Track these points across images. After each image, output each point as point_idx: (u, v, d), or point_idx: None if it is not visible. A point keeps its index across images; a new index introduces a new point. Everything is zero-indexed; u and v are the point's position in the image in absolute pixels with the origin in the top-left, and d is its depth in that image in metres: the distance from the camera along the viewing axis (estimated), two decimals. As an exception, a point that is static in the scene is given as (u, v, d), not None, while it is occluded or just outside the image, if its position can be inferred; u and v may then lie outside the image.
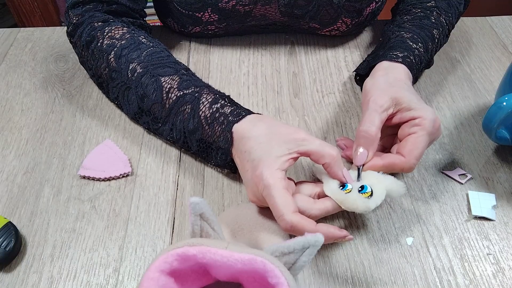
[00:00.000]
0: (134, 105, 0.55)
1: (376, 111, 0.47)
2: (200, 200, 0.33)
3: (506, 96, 0.46)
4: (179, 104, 0.51)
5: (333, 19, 0.66)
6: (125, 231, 0.48)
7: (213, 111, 0.49)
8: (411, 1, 0.64)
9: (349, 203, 0.43)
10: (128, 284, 0.44)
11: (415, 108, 0.48)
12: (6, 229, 0.45)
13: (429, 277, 0.44)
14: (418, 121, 0.47)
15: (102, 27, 0.57)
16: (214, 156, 0.50)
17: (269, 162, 0.42)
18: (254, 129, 0.46)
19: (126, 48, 0.55)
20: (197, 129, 0.50)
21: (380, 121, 0.47)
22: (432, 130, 0.47)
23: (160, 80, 0.52)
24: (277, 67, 0.67)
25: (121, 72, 0.54)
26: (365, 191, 0.44)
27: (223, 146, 0.48)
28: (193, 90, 0.51)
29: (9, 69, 0.66)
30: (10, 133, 0.57)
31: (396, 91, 0.49)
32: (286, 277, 0.31)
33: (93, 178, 0.52)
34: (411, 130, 0.47)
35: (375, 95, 0.49)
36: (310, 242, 0.32)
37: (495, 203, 0.50)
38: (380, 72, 0.53)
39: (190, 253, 0.31)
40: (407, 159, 0.46)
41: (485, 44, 0.71)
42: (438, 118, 0.48)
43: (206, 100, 0.50)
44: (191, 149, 0.52)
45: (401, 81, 0.52)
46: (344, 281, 0.44)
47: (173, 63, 0.54)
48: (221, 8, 0.64)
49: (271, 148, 0.43)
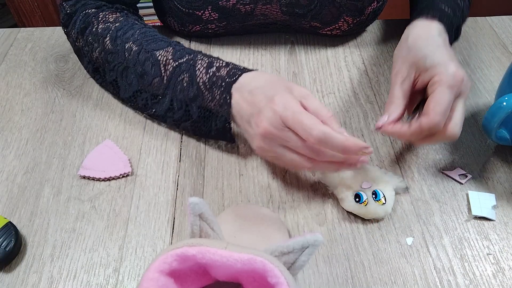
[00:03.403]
0: (133, 84, 0.55)
1: (397, 83, 0.50)
2: (200, 200, 0.33)
3: (506, 96, 0.46)
4: (177, 74, 0.52)
5: (334, 18, 0.66)
6: (125, 231, 0.48)
7: (210, 75, 0.50)
8: None
9: (370, 214, 0.47)
10: (128, 284, 0.44)
11: (431, 65, 0.48)
12: (6, 229, 0.45)
13: (429, 277, 0.44)
14: (435, 78, 0.47)
15: (96, 12, 0.58)
16: (213, 121, 0.51)
17: (286, 91, 0.45)
18: (258, 80, 0.47)
19: (121, 29, 0.56)
20: (198, 96, 0.51)
21: (402, 91, 0.49)
22: (453, 83, 0.46)
23: (155, 54, 0.53)
24: (277, 67, 0.67)
25: (118, 53, 0.55)
26: (379, 199, 0.48)
27: (224, 108, 0.49)
28: (188, 58, 0.52)
29: (9, 69, 0.66)
30: (10, 133, 0.57)
31: (414, 54, 0.50)
32: (285, 276, 0.31)
33: (93, 178, 0.52)
34: (431, 89, 0.47)
35: (397, 67, 0.51)
36: (309, 242, 0.32)
37: (495, 203, 0.50)
38: (404, 35, 0.54)
39: (189, 254, 0.31)
40: (431, 117, 0.45)
41: (485, 44, 0.71)
42: (460, 70, 0.47)
43: (202, 66, 0.51)
44: (192, 117, 0.52)
45: (422, 37, 0.51)
46: (344, 281, 0.44)
47: (165, 38, 0.56)
48: (221, 7, 0.64)
49: (283, 88, 0.46)
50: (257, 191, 0.51)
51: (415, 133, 0.46)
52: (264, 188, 0.51)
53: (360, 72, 0.66)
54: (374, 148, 0.55)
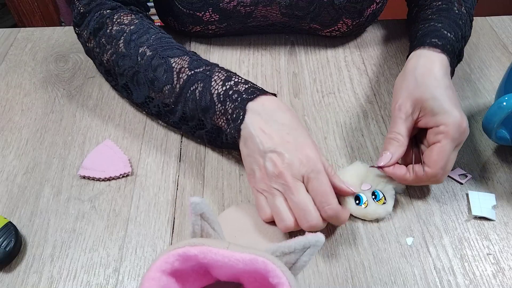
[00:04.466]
0: (144, 89, 0.54)
1: (401, 118, 0.48)
2: (201, 200, 0.33)
3: (506, 96, 0.46)
4: (191, 83, 0.50)
5: (334, 20, 0.66)
6: (125, 231, 0.48)
7: (226, 88, 0.49)
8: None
9: (371, 216, 0.48)
10: (128, 284, 0.44)
11: (439, 113, 0.47)
12: (6, 229, 0.45)
13: (429, 277, 0.44)
14: (442, 128, 0.46)
15: (111, 14, 0.57)
16: (224, 134, 0.50)
17: (316, 147, 0.45)
18: (282, 106, 0.48)
19: (135, 33, 0.55)
20: (210, 107, 0.49)
21: (406, 128, 0.48)
22: (457, 136, 0.46)
23: (170, 61, 0.52)
24: (277, 67, 0.67)
25: (131, 57, 0.54)
26: (379, 199, 0.48)
27: (235, 123, 0.47)
28: (204, 69, 0.51)
29: (9, 69, 0.66)
30: (10, 133, 0.57)
31: (422, 92, 0.48)
32: (287, 277, 0.31)
33: (93, 178, 0.52)
34: (436, 139, 0.46)
35: (400, 100, 0.49)
36: (311, 242, 0.32)
37: (495, 203, 0.50)
38: (412, 63, 0.52)
39: (191, 253, 0.31)
40: (432, 170, 0.46)
41: (485, 44, 0.71)
42: (464, 120, 0.46)
43: (219, 78, 0.50)
44: (206, 126, 0.51)
45: (431, 76, 0.49)
46: (344, 281, 0.44)
47: (181, 46, 0.55)
48: (222, 8, 0.64)
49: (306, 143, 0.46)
50: (257, 191, 0.51)
51: (414, 180, 0.48)
52: (264, 188, 0.51)
53: (360, 72, 0.66)
54: (374, 148, 0.55)
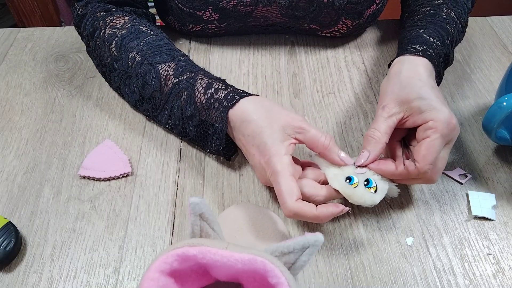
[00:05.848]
0: (135, 93, 0.56)
1: (382, 116, 0.48)
2: (200, 200, 0.33)
3: (506, 96, 0.46)
4: (176, 91, 0.52)
5: (333, 21, 0.66)
6: (125, 231, 0.48)
7: (208, 96, 0.50)
8: (419, 1, 0.63)
9: (356, 197, 0.44)
10: (128, 284, 0.44)
11: (426, 110, 0.46)
12: (6, 229, 0.45)
13: (429, 277, 0.44)
14: (430, 123, 0.46)
15: (104, 17, 0.58)
16: (210, 141, 0.51)
17: (275, 148, 0.45)
18: (253, 112, 0.47)
19: (126, 37, 0.56)
20: (195, 115, 0.51)
21: (387, 126, 0.47)
22: (446, 132, 0.45)
23: (157, 67, 0.53)
24: (277, 67, 0.67)
25: (122, 61, 0.55)
26: (370, 186, 0.45)
27: (218, 132, 0.49)
28: (188, 76, 0.52)
29: (9, 69, 0.66)
30: (10, 133, 0.57)
31: (408, 93, 0.48)
32: (286, 277, 0.31)
33: (93, 178, 0.52)
34: (425, 134, 0.46)
35: (385, 101, 0.49)
36: (310, 242, 0.32)
37: (495, 203, 0.50)
38: (395, 69, 0.52)
39: (190, 254, 0.31)
40: (421, 165, 0.45)
41: (485, 44, 0.71)
42: (453, 117, 0.46)
43: (201, 86, 0.51)
44: (189, 134, 0.53)
45: (415, 77, 0.50)
46: (344, 281, 0.44)
47: (171, 50, 0.55)
48: (222, 7, 0.64)
49: (273, 132, 0.46)
50: (257, 191, 0.51)
51: (401, 175, 0.46)
52: (264, 188, 0.51)
53: (360, 72, 0.66)
54: (374, 148, 0.55)
